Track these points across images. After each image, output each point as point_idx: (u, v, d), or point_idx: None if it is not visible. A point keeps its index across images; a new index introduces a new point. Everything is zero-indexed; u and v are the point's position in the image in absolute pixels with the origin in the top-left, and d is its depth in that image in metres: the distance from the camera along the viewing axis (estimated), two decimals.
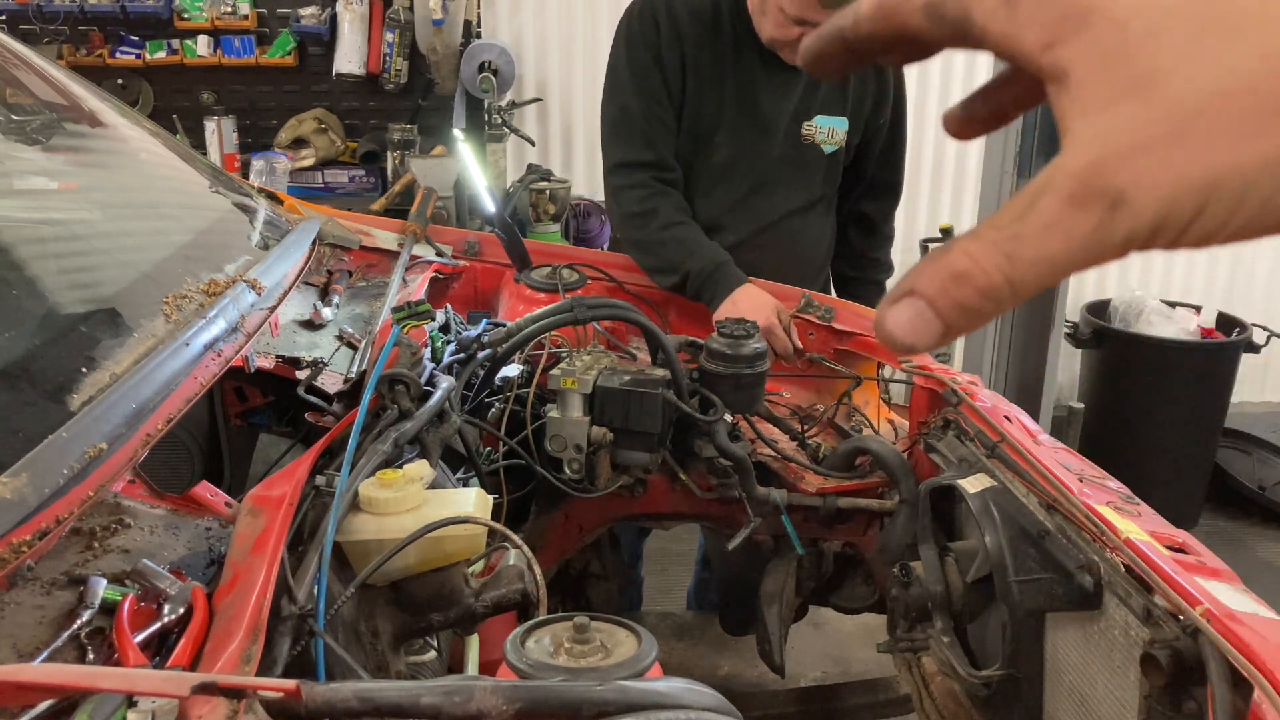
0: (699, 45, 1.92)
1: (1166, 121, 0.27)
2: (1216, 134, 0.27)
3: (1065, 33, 0.29)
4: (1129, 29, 0.28)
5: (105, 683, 0.61)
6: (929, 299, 0.30)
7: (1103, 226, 0.28)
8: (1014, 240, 0.29)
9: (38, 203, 1.31)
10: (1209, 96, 0.27)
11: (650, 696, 0.65)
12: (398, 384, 1.11)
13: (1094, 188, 0.28)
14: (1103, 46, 0.29)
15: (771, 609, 1.68)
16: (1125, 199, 0.28)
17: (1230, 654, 0.85)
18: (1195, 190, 0.27)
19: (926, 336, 0.30)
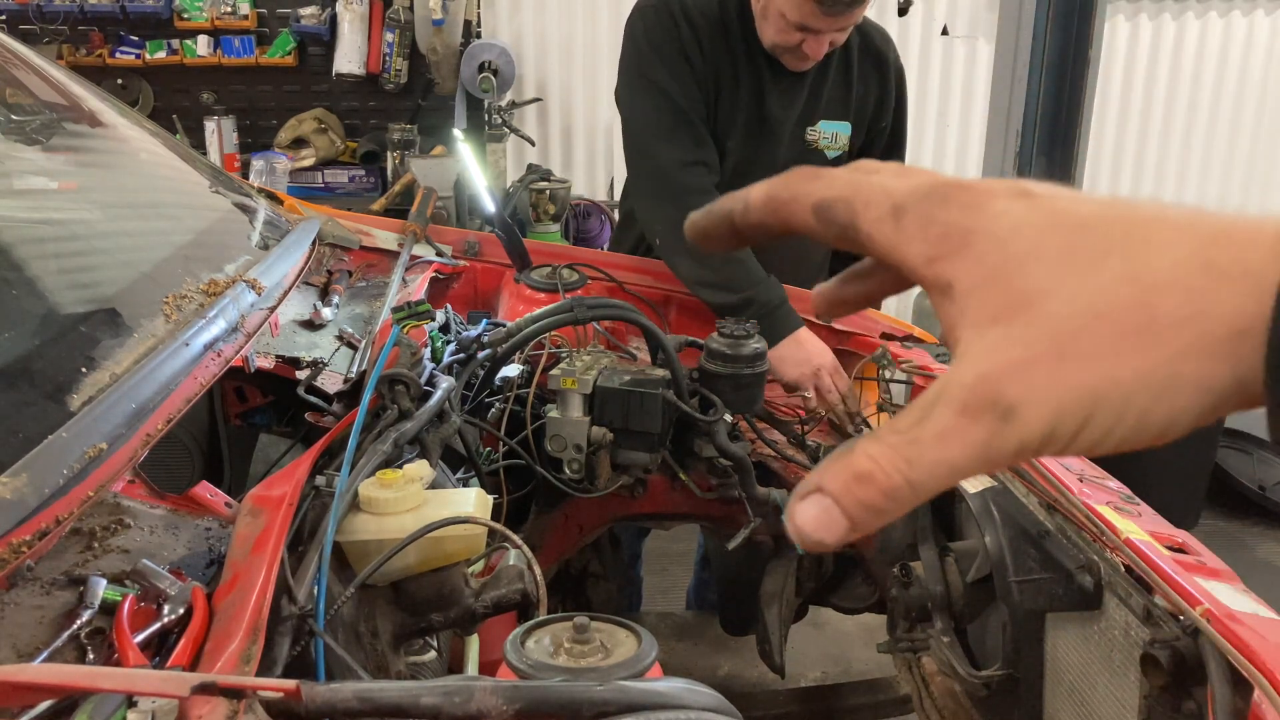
0: (714, 48, 1.92)
1: (1048, 340, 0.30)
2: (1094, 353, 0.29)
3: (948, 250, 0.31)
4: (1008, 249, 0.31)
5: (105, 683, 0.61)
6: (835, 497, 0.31)
7: (996, 436, 0.30)
8: (912, 445, 0.31)
9: (38, 203, 1.31)
10: (1084, 318, 0.29)
11: (650, 696, 0.65)
12: (398, 384, 1.11)
13: (985, 400, 0.30)
14: (985, 265, 0.31)
15: (771, 609, 1.68)
16: (1015, 412, 0.30)
17: (1230, 654, 0.85)
18: (1079, 404, 0.29)
19: (833, 533, 0.32)
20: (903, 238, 0.32)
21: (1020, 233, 0.31)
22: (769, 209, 0.36)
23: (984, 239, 0.31)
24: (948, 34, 4.29)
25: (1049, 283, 0.30)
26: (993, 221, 0.31)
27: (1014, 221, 0.31)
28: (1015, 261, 0.30)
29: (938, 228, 0.32)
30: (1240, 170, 4.52)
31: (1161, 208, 0.31)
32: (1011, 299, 0.30)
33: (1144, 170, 4.51)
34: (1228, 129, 4.45)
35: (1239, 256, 0.29)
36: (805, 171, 0.36)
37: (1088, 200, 0.31)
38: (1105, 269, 0.29)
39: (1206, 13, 4.33)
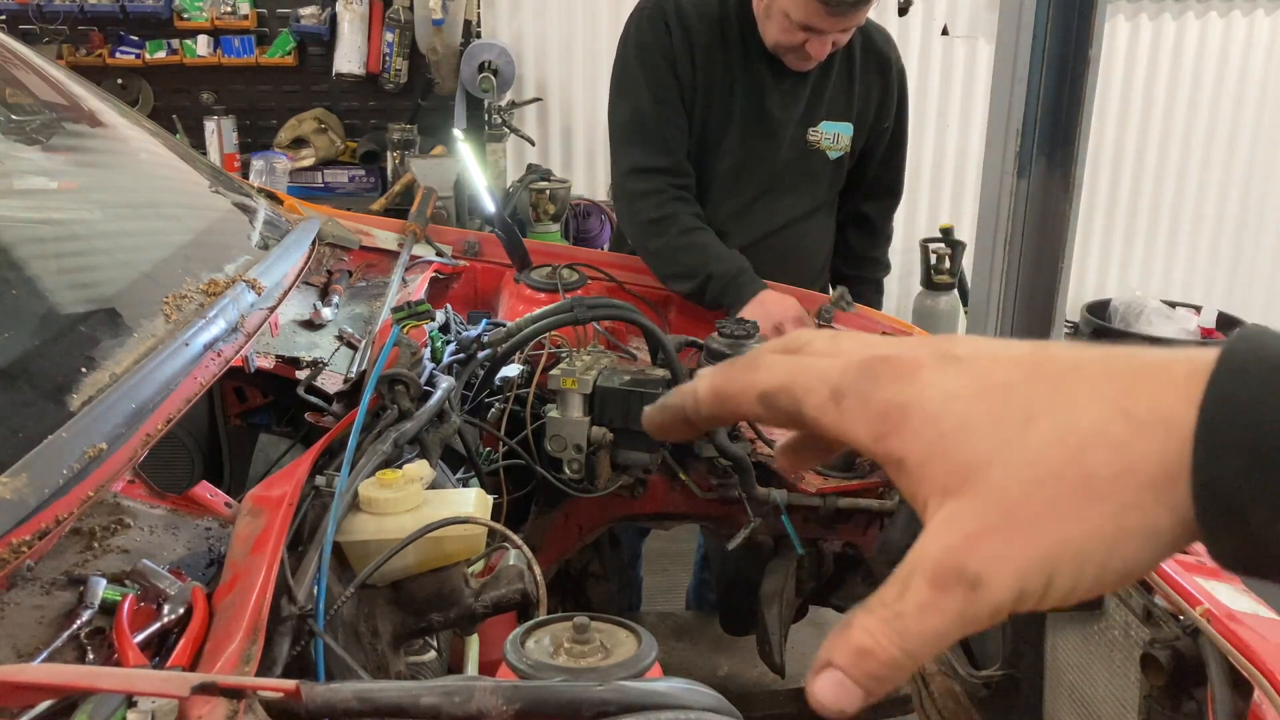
0: (709, 49, 1.92)
1: (997, 511, 0.31)
2: (1041, 518, 0.31)
3: (889, 428, 0.34)
4: (942, 423, 0.33)
5: (105, 683, 0.61)
6: (844, 671, 0.34)
7: (969, 604, 0.32)
8: (899, 619, 0.33)
9: (38, 203, 1.31)
10: (1025, 485, 0.31)
11: (650, 696, 0.65)
12: (398, 384, 1.11)
13: (952, 573, 0.32)
14: (924, 440, 0.33)
15: (771, 609, 1.68)
16: (981, 581, 0.31)
17: (1230, 654, 0.85)
18: (1039, 567, 0.31)
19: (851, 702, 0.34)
20: (846, 420, 0.35)
21: (951, 404, 0.33)
22: (717, 402, 0.39)
23: (918, 414, 0.33)
24: (948, 34, 4.29)
25: (986, 453, 0.32)
26: (923, 395, 0.33)
27: (943, 392, 0.33)
28: (952, 435, 0.32)
29: (875, 406, 0.34)
30: (1240, 170, 4.51)
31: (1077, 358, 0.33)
32: (956, 471, 0.32)
33: (1144, 170, 4.51)
34: (1228, 129, 4.45)
35: (1154, 405, 0.30)
36: (743, 362, 0.38)
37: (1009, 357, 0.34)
38: (1034, 433, 0.31)
39: (1207, 13, 4.33)
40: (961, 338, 0.35)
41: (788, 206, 2.03)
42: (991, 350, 0.34)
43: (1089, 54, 2.60)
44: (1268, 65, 4.39)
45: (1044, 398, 0.32)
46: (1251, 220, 4.58)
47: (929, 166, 4.46)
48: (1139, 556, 0.31)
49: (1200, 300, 4.29)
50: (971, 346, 0.34)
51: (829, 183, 2.07)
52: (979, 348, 0.34)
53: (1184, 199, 4.55)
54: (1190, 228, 4.59)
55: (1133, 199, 4.55)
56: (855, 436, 0.35)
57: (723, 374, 0.39)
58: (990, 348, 0.34)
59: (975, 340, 0.35)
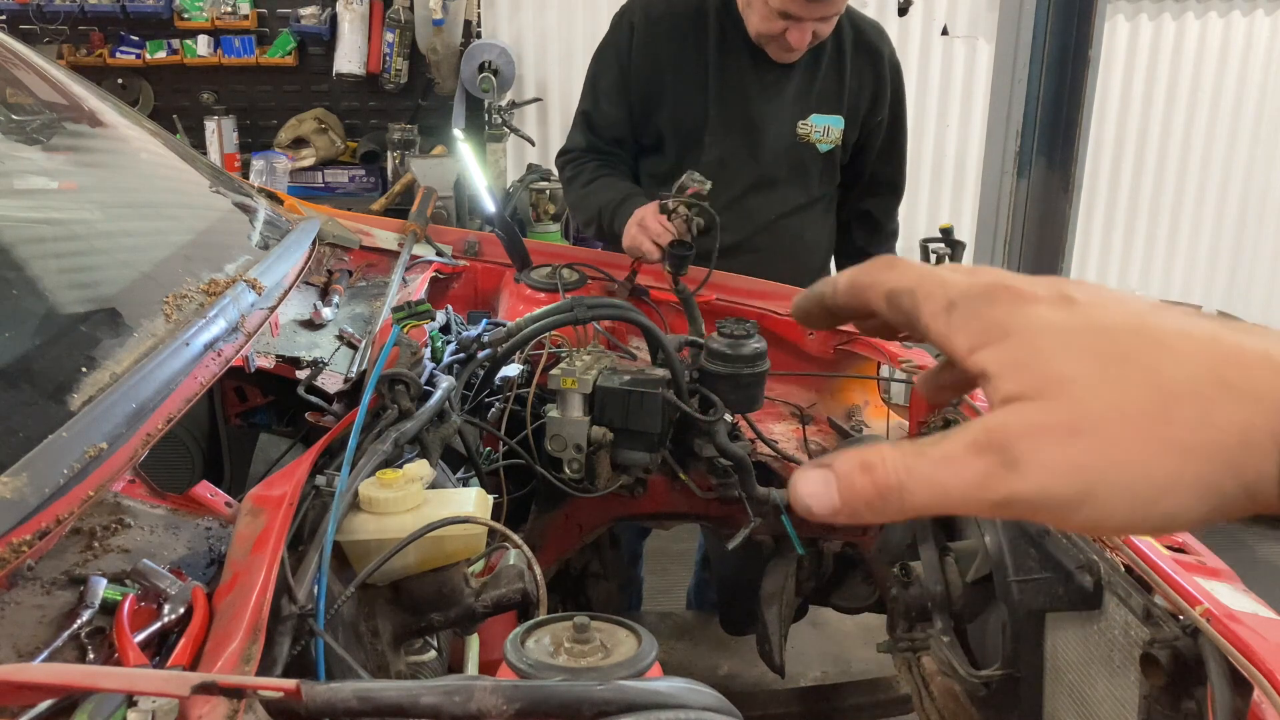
0: (678, 46, 1.95)
1: (1067, 416, 0.32)
2: (1106, 439, 0.32)
3: (986, 341, 0.35)
4: (1039, 344, 0.34)
5: (105, 683, 0.61)
6: (837, 475, 0.35)
7: (990, 477, 0.33)
8: (918, 457, 0.34)
9: (38, 203, 1.31)
10: (1104, 407, 0.32)
11: (650, 696, 0.65)
12: (398, 384, 1.11)
13: (995, 443, 0.33)
14: (1016, 355, 0.34)
15: (771, 609, 1.68)
16: (1018, 464, 0.32)
17: (1230, 654, 0.85)
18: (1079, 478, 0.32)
19: (821, 504, 0.35)
20: (951, 330, 0.37)
21: (1052, 333, 0.34)
22: (851, 293, 0.42)
23: (1019, 335, 0.35)
24: (948, 34, 4.29)
25: (1075, 372, 0.33)
26: (1029, 321, 0.35)
27: (1048, 323, 0.34)
28: (1045, 354, 0.34)
29: (980, 322, 0.36)
30: (1240, 170, 4.51)
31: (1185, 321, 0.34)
32: (1037, 380, 0.33)
33: (1143, 170, 4.51)
34: (1228, 128, 4.45)
35: (1248, 375, 0.31)
36: (883, 260, 0.41)
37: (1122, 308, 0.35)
38: (1129, 372, 0.32)
39: (1206, 13, 4.33)
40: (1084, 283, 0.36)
41: (780, 200, 2.04)
42: (1107, 297, 0.35)
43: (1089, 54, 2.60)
44: (1268, 65, 4.39)
45: (1144, 346, 0.33)
46: (1251, 220, 4.58)
47: (929, 166, 4.46)
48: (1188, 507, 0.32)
49: (1200, 299, 4.30)
50: (1090, 292, 0.35)
51: (821, 176, 2.07)
52: (1097, 294, 0.35)
53: (1184, 198, 4.55)
54: (1190, 227, 4.59)
55: (1132, 198, 4.55)
56: (954, 346, 0.36)
57: (863, 266, 0.41)
58: (1107, 295, 0.35)
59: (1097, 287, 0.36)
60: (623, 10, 2.02)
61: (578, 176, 2.08)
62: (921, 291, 0.38)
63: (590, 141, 2.08)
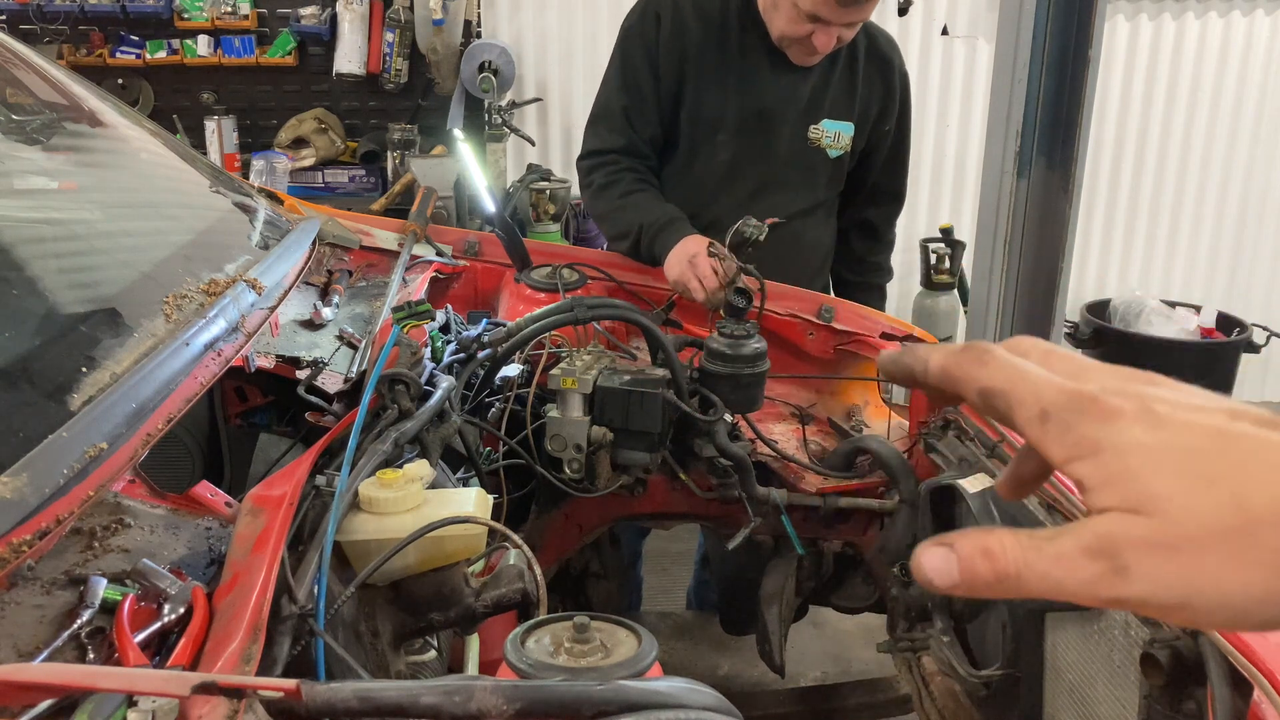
0: (702, 43, 1.93)
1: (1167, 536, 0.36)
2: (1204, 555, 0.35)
3: (1080, 454, 0.38)
4: (1129, 461, 0.37)
5: (105, 682, 0.61)
6: (959, 556, 0.39)
7: (1101, 581, 0.37)
8: (1036, 552, 0.37)
9: (38, 203, 1.31)
10: (1198, 527, 0.35)
11: (650, 696, 0.65)
12: (398, 384, 1.11)
13: (1107, 551, 0.36)
14: (1109, 471, 0.37)
15: (771, 609, 1.68)
16: (1127, 571, 0.36)
17: (1230, 654, 0.85)
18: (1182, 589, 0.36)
19: (942, 580, 0.39)
20: (1047, 440, 0.39)
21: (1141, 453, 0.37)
22: (943, 380, 0.44)
23: (1110, 451, 0.37)
24: (947, 34, 4.29)
25: (1168, 492, 0.36)
26: (1118, 438, 0.37)
27: (1136, 441, 0.37)
28: (1137, 470, 0.37)
29: (1073, 436, 0.38)
30: (1240, 170, 4.51)
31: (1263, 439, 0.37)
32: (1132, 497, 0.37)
33: (1144, 170, 4.51)
34: (1228, 129, 4.45)
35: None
36: (975, 353, 0.43)
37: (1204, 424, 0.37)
38: (1216, 493, 0.35)
39: (1206, 13, 4.32)
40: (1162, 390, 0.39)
41: (787, 202, 2.03)
42: (1188, 411, 0.38)
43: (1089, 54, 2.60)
44: (1268, 65, 4.39)
45: (1228, 469, 0.36)
46: (1251, 220, 4.58)
47: (929, 166, 4.46)
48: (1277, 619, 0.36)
49: (1200, 300, 4.29)
50: (1171, 403, 0.38)
51: (828, 181, 2.07)
52: (1177, 405, 0.38)
53: (1184, 199, 4.55)
54: (1190, 227, 4.58)
55: (1132, 199, 4.54)
56: (1050, 453, 0.39)
57: (955, 359, 0.44)
58: (1188, 407, 0.38)
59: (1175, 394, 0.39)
60: (646, 2, 1.98)
61: (613, 185, 1.99)
62: (1014, 397, 0.41)
63: (629, 140, 1.99)
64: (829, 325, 1.83)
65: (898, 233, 2.31)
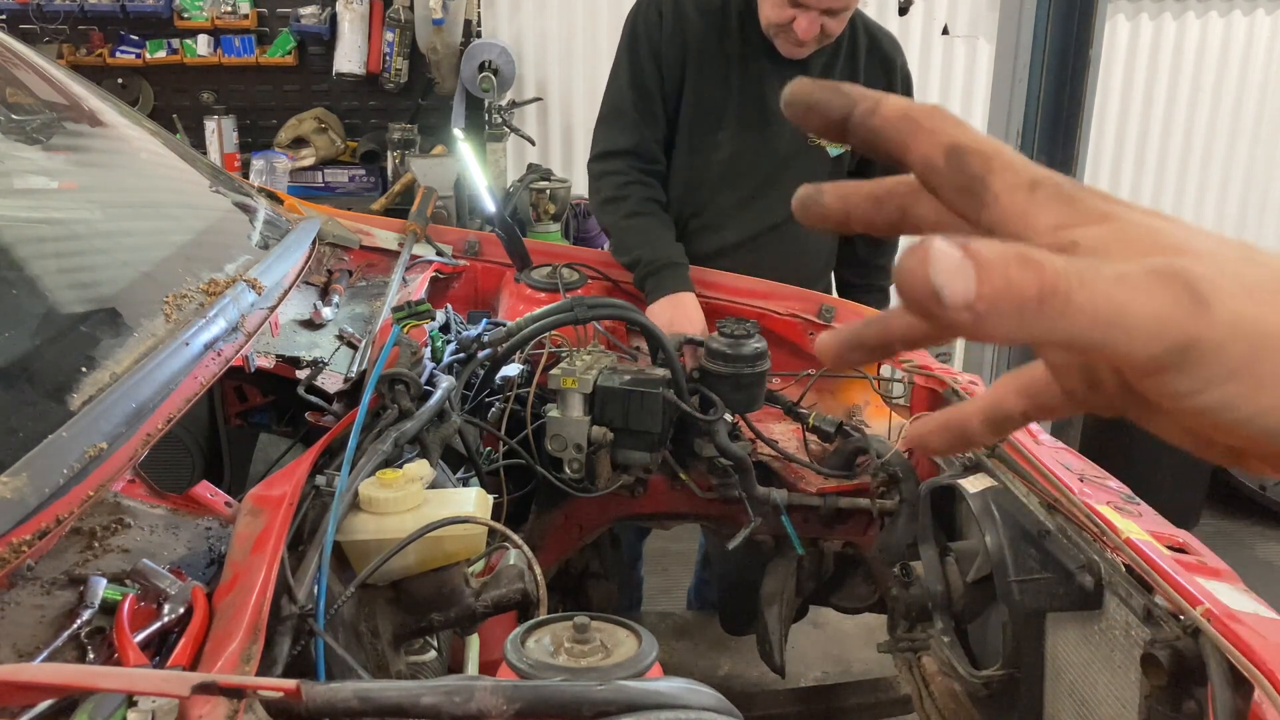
0: (704, 41, 1.93)
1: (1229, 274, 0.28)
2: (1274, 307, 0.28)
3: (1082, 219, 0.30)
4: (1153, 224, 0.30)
5: (105, 682, 0.61)
6: (980, 262, 0.26)
7: (1178, 309, 0.27)
8: (1091, 270, 0.27)
9: (38, 202, 1.31)
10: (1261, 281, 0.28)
11: (650, 696, 0.65)
12: (398, 384, 1.11)
13: (1179, 275, 0.27)
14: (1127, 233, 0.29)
15: (772, 609, 1.68)
16: (1207, 301, 0.27)
17: (1231, 654, 0.85)
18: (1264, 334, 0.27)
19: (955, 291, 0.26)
20: (1034, 206, 0.30)
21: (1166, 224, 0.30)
22: (898, 125, 0.33)
23: (1124, 220, 0.30)
24: (948, 33, 4.28)
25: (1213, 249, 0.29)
26: (1130, 212, 0.30)
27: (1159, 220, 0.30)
28: (1166, 234, 0.29)
29: (1076, 204, 0.30)
30: (1241, 170, 4.51)
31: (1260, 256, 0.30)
32: (1163, 244, 0.29)
33: (1144, 170, 4.51)
34: (1228, 129, 4.45)
35: None
36: (947, 113, 0.33)
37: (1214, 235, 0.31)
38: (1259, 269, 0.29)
39: (1207, 12, 4.32)
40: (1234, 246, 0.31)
41: (785, 201, 2.03)
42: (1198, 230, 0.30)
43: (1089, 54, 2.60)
44: (1268, 65, 4.39)
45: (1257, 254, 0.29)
46: (1252, 219, 4.58)
47: None
48: None
49: None
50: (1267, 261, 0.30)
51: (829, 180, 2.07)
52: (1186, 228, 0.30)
53: (1184, 198, 4.55)
54: None
55: (1133, 198, 4.49)
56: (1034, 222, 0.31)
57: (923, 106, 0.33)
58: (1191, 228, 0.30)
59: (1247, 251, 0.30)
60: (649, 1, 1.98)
61: (619, 200, 1.97)
62: (999, 160, 0.31)
63: (639, 139, 1.98)
64: (829, 325, 1.83)
65: None
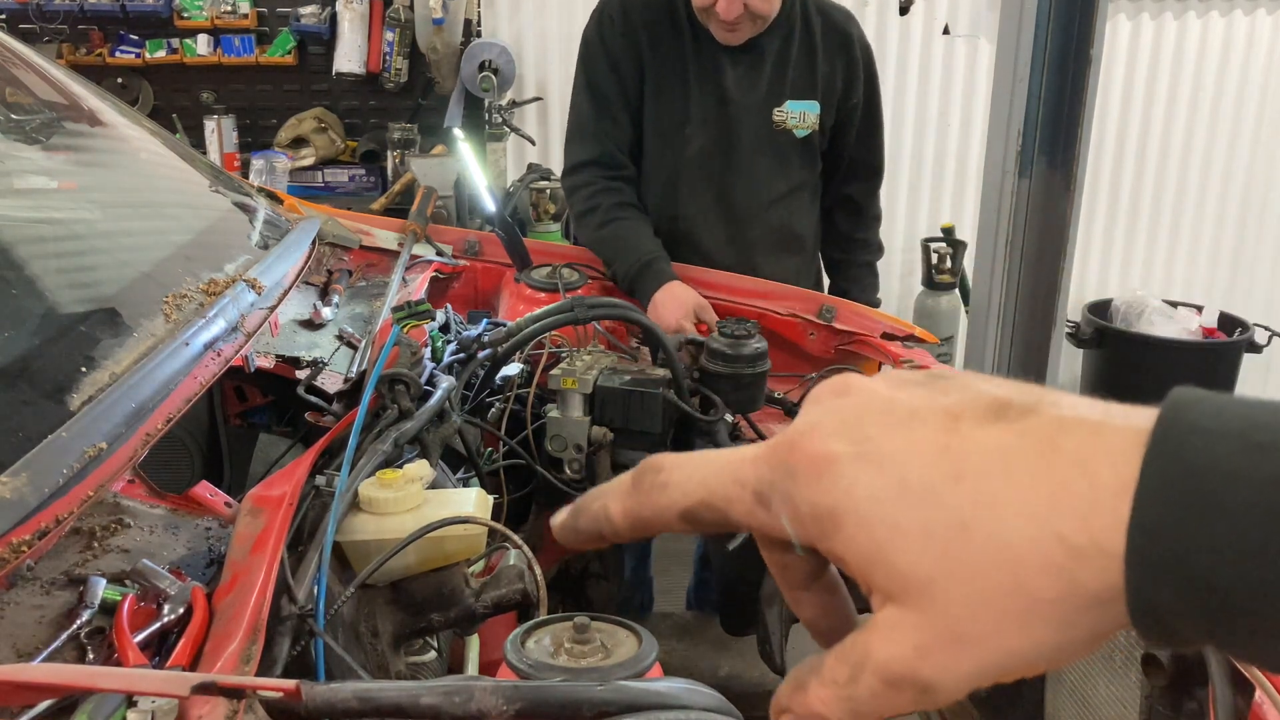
0: (655, 40, 1.97)
1: (942, 628, 0.31)
2: (987, 635, 0.31)
3: (825, 531, 0.33)
4: (875, 530, 0.32)
5: (105, 683, 0.61)
6: None
7: (922, 700, 0.33)
8: (851, 701, 0.33)
9: (38, 202, 1.31)
10: (968, 606, 0.31)
11: (650, 697, 0.65)
12: (398, 384, 1.11)
13: (903, 679, 0.32)
14: (860, 546, 0.32)
15: (772, 609, 1.68)
16: (933, 687, 0.32)
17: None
18: (986, 674, 0.32)
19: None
20: (780, 522, 0.34)
21: (878, 508, 0.32)
22: (636, 528, 0.37)
23: (850, 519, 0.32)
24: (949, 33, 4.28)
25: (926, 567, 0.31)
26: (849, 497, 0.32)
27: (868, 494, 0.32)
28: (886, 544, 0.32)
29: (804, 510, 0.33)
30: (1241, 169, 4.51)
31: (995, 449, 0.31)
32: (896, 580, 0.32)
33: (1145, 169, 4.51)
34: (1229, 128, 4.45)
35: (1086, 529, 0.30)
36: (648, 481, 0.37)
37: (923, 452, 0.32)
38: (971, 548, 0.31)
39: (1208, 12, 4.32)
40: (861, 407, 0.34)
41: (764, 189, 2.05)
42: (901, 439, 0.33)
43: (1090, 53, 2.59)
44: (1269, 65, 4.39)
45: (971, 507, 0.31)
46: (1253, 220, 4.58)
47: (930, 166, 4.45)
48: (1081, 654, 0.33)
49: (1202, 300, 4.29)
50: (878, 428, 0.33)
51: (800, 162, 2.09)
52: (886, 435, 0.33)
53: (1185, 198, 4.55)
54: (1192, 227, 4.58)
55: (1134, 198, 4.54)
56: (794, 536, 0.34)
57: (633, 498, 0.37)
58: (898, 435, 0.33)
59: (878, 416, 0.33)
60: (596, 13, 2.04)
61: (591, 212, 2.00)
62: (718, 497, 0.35)
63: (603, 149, 2.01)
64: (830, 325, 1.83)
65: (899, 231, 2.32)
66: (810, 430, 0.34)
